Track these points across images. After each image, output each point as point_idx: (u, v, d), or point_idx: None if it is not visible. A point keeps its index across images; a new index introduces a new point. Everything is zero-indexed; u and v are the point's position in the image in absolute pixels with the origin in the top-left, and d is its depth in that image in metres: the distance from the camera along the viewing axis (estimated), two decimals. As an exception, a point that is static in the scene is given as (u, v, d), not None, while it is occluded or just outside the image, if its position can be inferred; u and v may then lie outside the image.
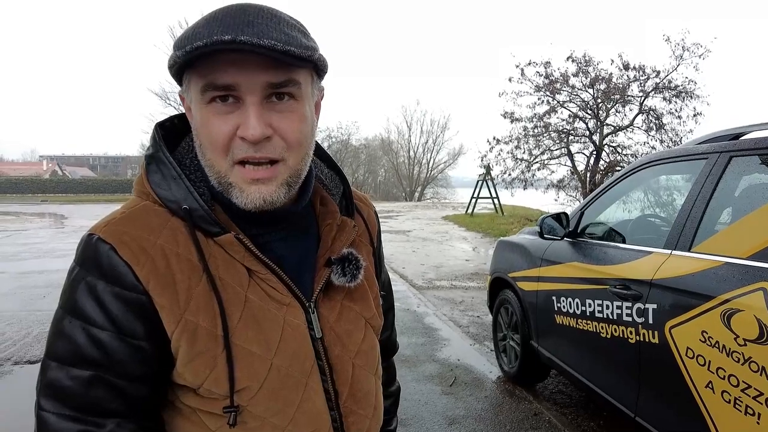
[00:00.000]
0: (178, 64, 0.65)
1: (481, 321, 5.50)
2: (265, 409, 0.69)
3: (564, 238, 2.98)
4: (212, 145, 0.67)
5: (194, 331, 0.65)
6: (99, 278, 0.64)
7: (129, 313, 0.64)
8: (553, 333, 3.08)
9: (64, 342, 0.64)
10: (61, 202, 38.15)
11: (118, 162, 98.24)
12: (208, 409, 0.68)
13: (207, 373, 0.66)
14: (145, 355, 0.66)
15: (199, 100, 0.66)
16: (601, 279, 2.53)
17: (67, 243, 12.79)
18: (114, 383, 0.64)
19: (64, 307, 0.66)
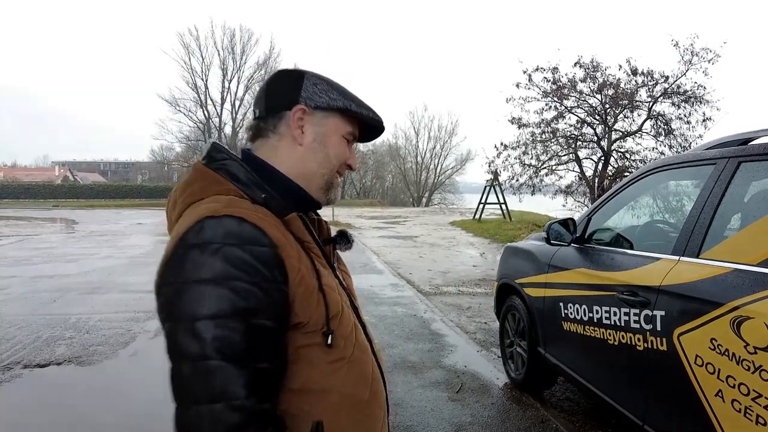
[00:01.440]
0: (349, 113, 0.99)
1: (488, 327, 5.47)
2: (344, 330, 0.91)
3: (571, 244, 2.96)
4: (337, 160, 1.00)
5: (302, 278, 0.85)
6: (236, 244, 0.79)
7: (267, 265, 0.81)
8: (560, 340, 3.06)
9: (217, 302, 0.77)
10: (72, 207, 38.52)
11: (128, 168, 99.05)
12: (309, 341, 0.86)
13: (313, 307, 0.86)
14: (285, 297, 0.83)
15: (338, 134, 1.00)
16: (608, 285, 2.51)
17: (77, 248, 12.91)
18: (266, 326, 0.80)
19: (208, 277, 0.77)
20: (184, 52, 42.88)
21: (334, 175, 1.01)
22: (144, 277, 8.76)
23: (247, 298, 0.78)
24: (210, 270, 0.77)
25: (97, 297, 7.09)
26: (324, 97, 0.98)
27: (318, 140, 0.98)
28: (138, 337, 5.22)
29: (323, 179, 1.00)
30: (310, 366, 0.87)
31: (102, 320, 5.78)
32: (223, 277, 0.77)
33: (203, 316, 0.76)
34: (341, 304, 0.93)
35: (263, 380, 0.80)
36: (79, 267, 9.78)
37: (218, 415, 0.74)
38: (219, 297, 0.77)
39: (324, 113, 0.98)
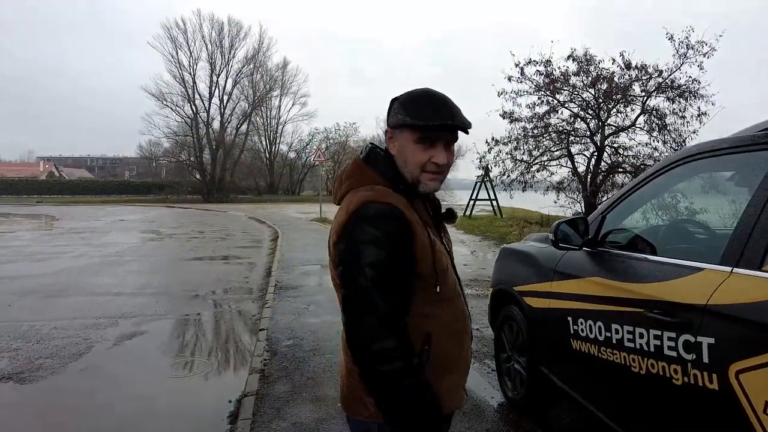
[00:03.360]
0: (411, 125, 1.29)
1: (480, 335, 5.01)
2: (447, 280, 1.34)
3: (583, 247, 2.50)
4: (414, 162, 1.31)
5: (423, 244, 1.26)
6: (385, 220, 1.22)
7: (402, 234, 1.23)
8: (568, 360, 2.59)
9: (373, 254, 1.20)
10: (55, 203, 37.62)
11: (115, 163, 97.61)
12: (425, 284, 1.28)
13: (429, 263, 1.27)
14: (413, 254, 1.24)
15: (411, 142, 1.31)
16: (632, 300, 2.05)
17: (50, 246, 12.28)
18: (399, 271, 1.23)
19: (367, 239, 1.21)
20: (172, 46, 41.82)
21: (418, 174, 1.31)
22: (116, 278, 8.21)
23: (389, 254, 1.20)
24: (370, 235, 1.21)
25: (59, 300, 6.55)
26: (394, 118, 1.32)
27: (399, 151, 1.33)
28: (94, 347, 4.70)
29: (411, 177, 1.32)
30: (425, 299, 1.29)
31: (57, 328, 5.25)
32: (377, 239, 1.20)
33: (365, 264, 1.19)
34: (446, 263, 1.33)
35: (395, 301, 1.22)
36: (48, 267, 9.19)
37: (373, 323, 1.19)
38: (375, 252, 1.20)
39: (399, 129, 1.32)
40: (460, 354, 1.39)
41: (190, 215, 24.77)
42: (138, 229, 17.12)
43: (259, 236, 14.82)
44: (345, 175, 1.37)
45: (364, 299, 1.19)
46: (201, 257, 10.69)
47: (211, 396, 3.71)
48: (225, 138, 44.51)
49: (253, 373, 3.85)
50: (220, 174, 42.95)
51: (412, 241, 1.23)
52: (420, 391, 1.22)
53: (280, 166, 52.90)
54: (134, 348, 4.75)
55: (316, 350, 4.40)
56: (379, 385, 1.21)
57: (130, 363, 4.34)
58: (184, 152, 44.77)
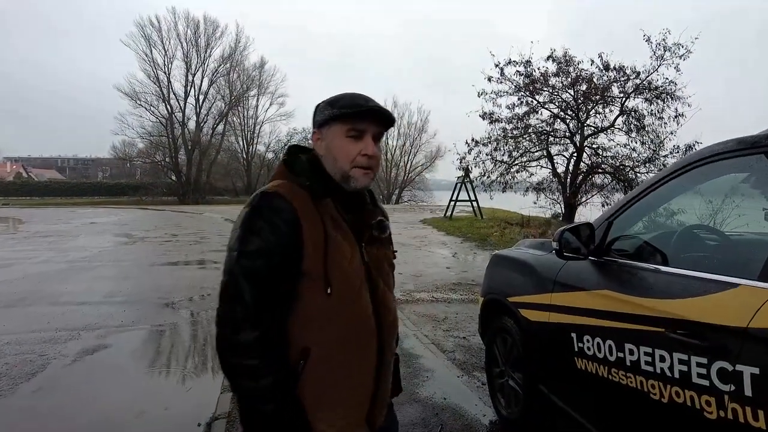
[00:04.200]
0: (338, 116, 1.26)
1: (468, 344, 4.78)
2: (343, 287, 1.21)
3: (588, 256, 2.26)
4: (343, 158, 1.27)
5: (315, 240, 1.18)
6: (269, 209, 1.18)
7: (286, 224, 1.17)
8: (571, 380, 2.36)
9: (251, 244, 1.16)
10: (23, 205, 36.26)
11: (88, 164, 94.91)
12: (311, 285, 1.18)
13: (318, 262, 1.18)
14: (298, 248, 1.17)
15: (341, 137, 1.27)
16: (650, 317, 1.82)
17: (13, 251, 11.65)
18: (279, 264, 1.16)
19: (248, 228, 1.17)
20: (146, 44, 40.72)
21: (348, 169, 1.27)
22: (81, 285, 7.74)
23: (269, 244, 1.15)
24: (253, 224, 1.17)
25: (15, 311, 6.09)
26: (320, 115, 1.32)
27: (327, 149, 1.30)
28: (50, 364, 4.31)
29: (340, 174, 1.28)
30: (309, 305, 1.19)
31: (11, 342, 4.83)
32: (259, 229, 1.16)
33: (242, 252, 1.16)
34: (346, 268, 1.22)
35: (267, 296, 1.15)
36: (7, 274, 8.64)
37: (233, 312, 1.14)
38: (254, 241, 1.16)
39: (326, 127, 1.30)
40: (356, 383, 1.23)
41: (164, 217, 24.08)
42: (109, 232, 16.48)
43: (236, 239, 14.37)
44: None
45: (233, 288, 1.15)
46: (175, 262, 10.24)
47: (178, 419, 3.38)
48: (201, 138, 43.60)
49: (226, 392, 3.53)
50: (196, 175, 42.08)
51: (298, 235, 1.17)
52: (278, 401, 1.13)
53: (258, 167, 52.10)
54: (95, 365, 4.37)
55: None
56: (235, 383, 1.16)
57: (90, 382, 3.97)
58: (159, 153, 43.73)
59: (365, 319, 1.24)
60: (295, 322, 1.19)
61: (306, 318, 1.19)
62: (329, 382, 1.19)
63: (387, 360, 1.30)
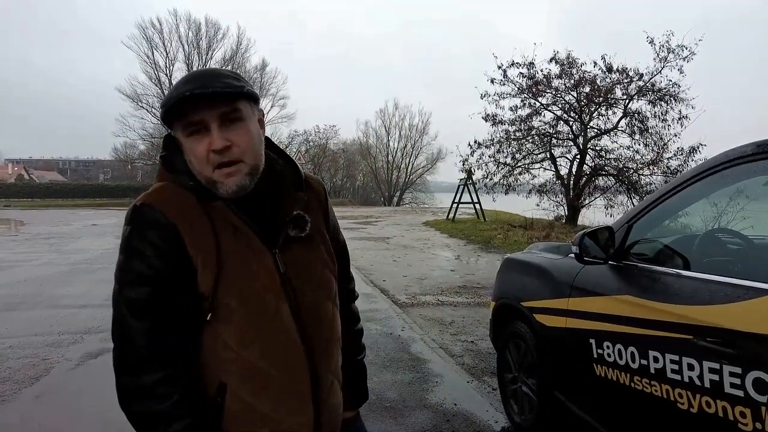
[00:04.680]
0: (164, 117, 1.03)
1: (476, 348, 4.72)
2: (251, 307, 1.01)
3: (608, 261, 2.21)
4: (197, 159, 1.02)
5: (205, 254, 0.99)
6: (145, 227, 0.98)
7: (163, 241, 0.97)
8: (589, 387, 2.30)
9: (129, 272, 0.97)
10: (24, 207, 36.23)
11: (89, 166, 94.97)
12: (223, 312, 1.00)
13: (210, 281, 0.99)
14: (184, 266, 0.98)
15: (184, 136, 1.03)
16: (676, 324, 1.76)
17: (13, 253, 11.60)
18: (163, 290, 0.97)
19: (125, 252, 0.99)
20: (147, 46, 40.78)
21: (210, 173, 1.02)
22: (82, 288, 7.69)
23: (150, 268, 0.96)
24: (129, 245, 0.98)
25: (17, 315, 6.03)
26: (161, 114, 1.04)
27: (186, 156, 1.05)
28: (54, 368, 4.26)
29: (205, 181, 1.03)
30: (212, 334, 1.01)
31: (14, 346, 4.77)
32: (136, 251, 0.97)
33: (123, 283, 0.98)
34: (252, 284, 1.02)
35: (164, 335, 0.97)
36: (8, 276, 8.59)
37: (128, 355, 0.97)
38: (134, 267, 0.97)
39: (173, 130, 1.06)
40: (284, 413, 1.04)
41: (165, 219, 24.03)
42: (111, 234, 16.42)
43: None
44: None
45: (121, 326, 0.98)
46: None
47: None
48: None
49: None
50: (197, 177, 42.06)
51: (181, 251, 0.98)
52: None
53: (259, 169, 52.10)
54: (100, 368, 4.30)
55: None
56: (141, 430, 0.99)
57: (95, 387, 3.90)
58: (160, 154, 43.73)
59: (287, 341, 1.04)
60: (207, 353, 1.02)
61: (216, 347, 1.01)
62: (253, 417, 1.02)
63: (325, 381, 1.11)
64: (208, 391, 1.02)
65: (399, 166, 56.56)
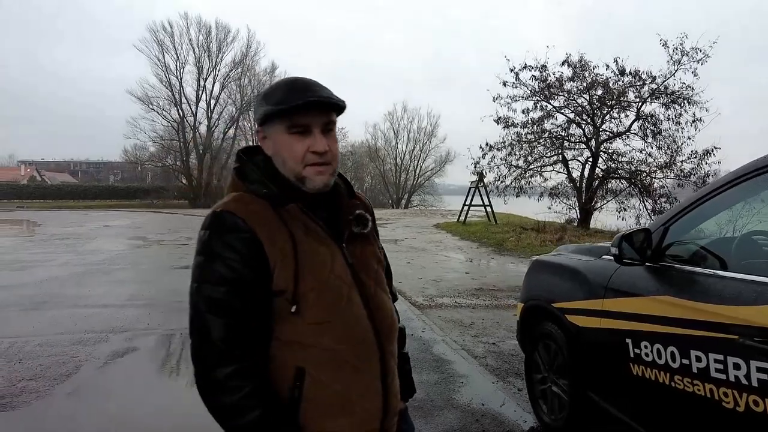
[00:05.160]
0: (274, 113, 1.12)
1: (498, 350, 4.74)
2: (325, 298, 1.10)
3: (646, 262, 2.23)
4: (292, 157, 1.13)
5: (283, 256, 1.07)
6: (226, 232, 1.06)
7: (245, 245, 1.06)
8: (626, 387, 2.33)
9: (209, 273, 1.05)
10: (37, 208, 36.63)
11: (100, 168, 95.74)
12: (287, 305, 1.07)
13: (289, 279, 1.07)
14: (263, 268, 1.07)
15: (283, 134, 1.13)
16: (720, 324, 1.79)
17: (31, 253, 11.75)
18: (243, 290, 1.05)
19: (205, 254, 1.07)
20: (158, 49, 41.15)
21: (300, 169, 1.13)
22: (102, 288, 7.79)
23: (229, 270, 1.04)
24: (210, 249, 1.07)
25: (41, 314, 6.13)
26: (258, 112, 1.15)
27: (275, 150, 1.16)
28: (83, 366, 4.33)
29: (292, 175, 1.15)
30: (292, 324, 1.08)
31: (42, 344, 4.86)
32: (217, 255, 1.05)
33: (203, 282, 1.06)
34: (327, 277, 1.10)
35: (241, 331, 1.05)
36: (28, 276, 8.72)
37: (207, 350, 1.05)
38: (214, 269, 1.05)
39: (268, 125, 1.16)
40: (357, 394, 1.12)
41: (178, 221, 24.26)
42: (124, 236, 16.61)
43: (251, 243, 14.42)
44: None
45: (200, 323, 1.06)
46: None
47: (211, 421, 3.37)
48: (212, 142, 43.88)
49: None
50: (207, 179, 42.29)
51: (260, 254, 1.06)
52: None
53: (268, 171, 52.38)
54: (127, 367, 4.38)
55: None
56: (222, 424, 1.07)
57: (124, 385, 3.98)
58: (170, 157, 44.08)
59: (361, 327, 1.13)
60: (283, 344, 1.09)
61: (296, 338, 1.08)
62: (331, 400, 1.10)
63: (391, 365, 1.18)
64: (287, 379, 1.08)
65: (407, 168, 56.59)
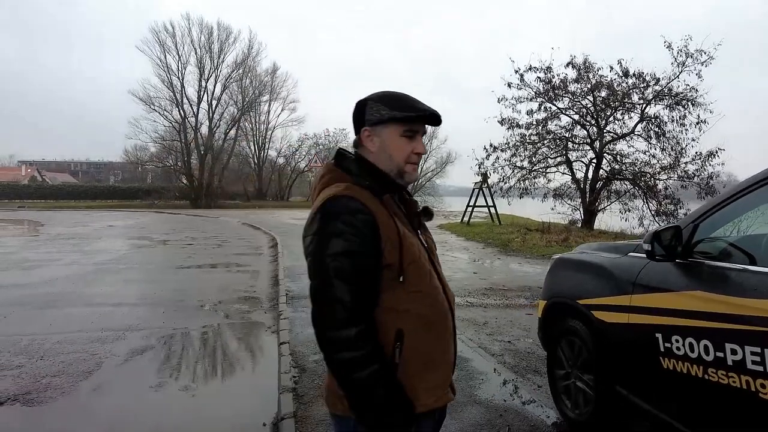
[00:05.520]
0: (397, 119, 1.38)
1: (515, 348, 4.78)
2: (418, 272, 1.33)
3: (677, 258, 2.28)
4: (399, 155, 1.40)
5: (389, 236, 1.29)
6: (348, 213, 1.26)
7: (366, 226, 1.26)
8: (656, 380, 2.37)
9: (337, 247, 1.24)
10: (39, 208, 36.65)
11: (100, 168, 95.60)
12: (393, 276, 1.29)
13: (395, 255, 1.29)
14: (378, 246, 1.27)
15: (396, 136, 1.39)
16: (758, 318, 1.83)
17: (38, 252, 11.78)
18: (364, 263, 1.26)
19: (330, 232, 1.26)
20: (160, 50, 41.25)
21: (402, 166, 1.41)
22: (113, 287, 7.84)
23: (353, 245, 1.24)
24: (334, 228, 1.25)
25: (56, 312, 6.17)
26: (376, 115, 1.40)
27: (381, 147, 1.41)
28: (104, 363, 4.37)
29: (394, 171, 1.41)
30: (394, 293, 1.30)
31: (61, 342, 4.90)
32: (341, 231, 1.25)
33: (330, 255, 1.24)
34: (417, 254, 1.34)
35: (360, 293, 1.25)
36: (38, 275, 8.76)
37: (334, 312, 1.23)
38: (339, 243, 1.24)
39: (381, 126, 1.40)
40: (440, 352, 1.37)
41: (180, 221, 24.27)
42: (129, 236, 16.65)
43: (256, 243, 14.47)
44: (317, 178, 1.45)
45: (329, 289, 1.23)
46: (200, 265, 10.33)
47: (241, 419, 3.41)
48: (213, 143, 43.92)
49: (285, 392, 3.56)
50: (208, 179, 42.33)
51: (376, 233, 1.27)
52: (386, 384, 1.23)
53: (269, 172, 52.42)
54: (148, 364, 4.42)
55: (347, 366, 4.12)
56: (345, 376, 1.23)
57: (147, 381, 4.01)
58: (171, 157, 44.10)
59: (440, 297, 1.37)
60: (386, 310, 1.29)
61: (395, 305, 1.29)
62: (423, 357, 1.32)
63: (455, 328, 1.45)
64: (389, 340, 1.28)
65: (408, 169, 56.56)
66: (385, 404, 1.22)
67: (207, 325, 5.68)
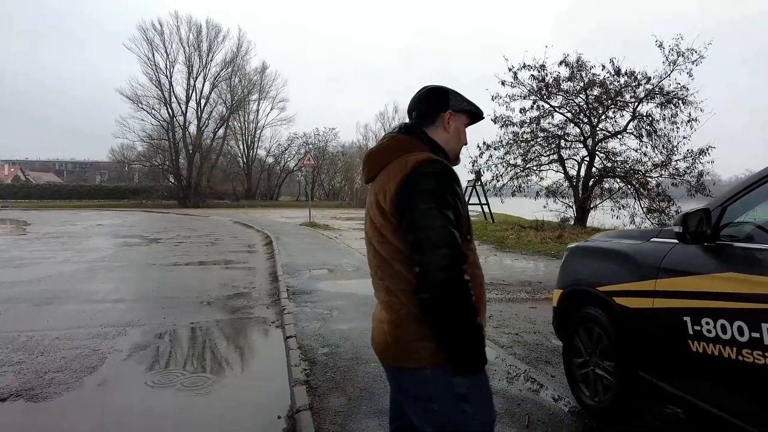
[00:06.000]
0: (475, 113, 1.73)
1: (522, 340, 4.77)
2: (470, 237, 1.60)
3: (706, 242, 2.27)
4: (463, 141, 1.72)
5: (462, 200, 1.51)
6: (445, 173, 1.47)
7: (457, 185, 1.49)
8: (685, 364, 2.36)
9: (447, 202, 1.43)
10: (23, 207, 36.03)
11: (86, 167, 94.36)
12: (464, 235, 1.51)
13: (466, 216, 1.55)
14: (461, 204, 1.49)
15: (463, 125, 1.72)
16: (797, 296, 1.83)
17: (29, 250, 11.55)
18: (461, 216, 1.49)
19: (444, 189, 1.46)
20: (148, 48, 40.74)
21: (459, 151, 1.73)
22: (109, 284, 7.70)
23: (454, 201, 1.45)
24: (439, 185, 1.45)
25: (53, 309, 6.04)
26: (459, 104, 1.68)
27: (454, 131, 1.68)
28: (107, 358, 4.28)
29: (455, 153, 1.71)
30: (465, 244, 1.49)
31: (61, 338, 4.79)
32: (446, 188, 1.45)
33: (438, 207, 1.41)
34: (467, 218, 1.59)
35: (460, 241, 1.43)
36: (32, 272, 8.58)
37: (449, 253, 1.38)
38: (444, 198, 1.43)
39: (459, 114, 1.68)
40: (482, 301, 1.57)
41: (171, 220, 24.01)
42: (119, 234, 16.41)
43: (250, 241, 14.34)
44: (385, 149, 1.59)
45: (445, 236, 1.38)
46: (195, 262, 10.21)
47: (254, 412, 3.35)
48: (202, 142, 43.48)
49: (298, 385, 3.51)
50: (197, 178, 41.89)
51: (461, 195, 1.50)
52: (479, 325, 1.40)
53: (258, 171, 52.07)
54: (152, 359, 4.34)
55: (358, 358, 4.08)
56: (457, 312, 1.36)
57: (152, 376, 3.92)
58: (159, 156, 43.58)
59: (476, 253, 1.64)
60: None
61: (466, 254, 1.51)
62: (480, 300, 1.54)
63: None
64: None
65: (399, 168, 56.50)
66: (482, 340, 1.40)
67: (209, 320, 5.60)
